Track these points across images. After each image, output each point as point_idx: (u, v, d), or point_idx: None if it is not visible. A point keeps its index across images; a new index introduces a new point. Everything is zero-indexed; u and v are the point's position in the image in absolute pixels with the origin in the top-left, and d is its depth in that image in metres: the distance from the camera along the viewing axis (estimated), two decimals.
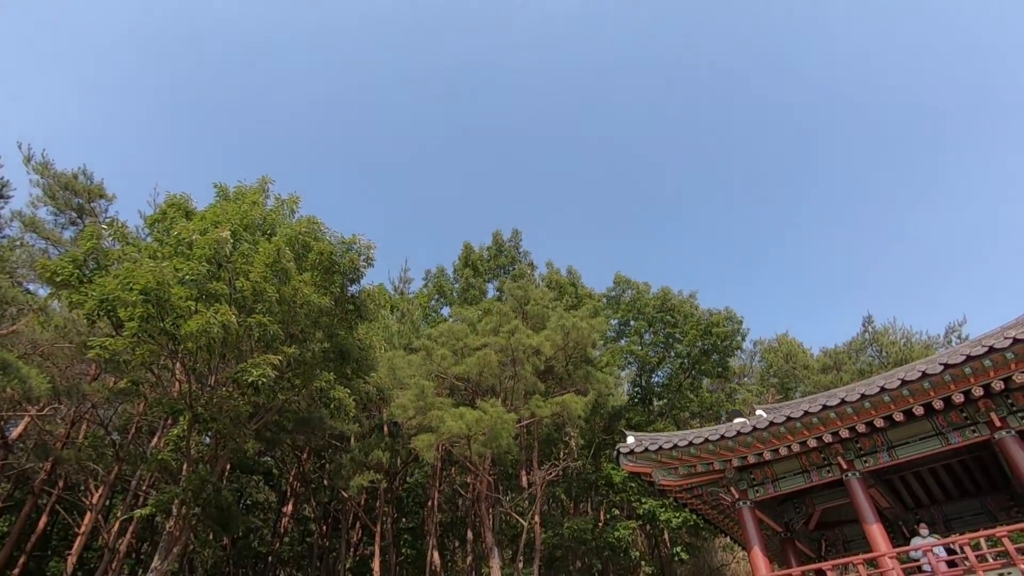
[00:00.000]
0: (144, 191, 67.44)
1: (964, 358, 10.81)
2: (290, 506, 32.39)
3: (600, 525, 26.41)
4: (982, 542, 11.27)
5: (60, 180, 23.25)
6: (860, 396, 11.83)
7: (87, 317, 11.70)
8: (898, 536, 15.26)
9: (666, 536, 27.63)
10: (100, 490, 22.44)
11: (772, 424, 12.76)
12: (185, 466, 13.56)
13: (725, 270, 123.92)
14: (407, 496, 31.27)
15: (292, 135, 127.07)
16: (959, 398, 11.20)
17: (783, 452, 13.21)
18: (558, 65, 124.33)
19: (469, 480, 27.23)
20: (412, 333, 25.59)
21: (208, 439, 16.40)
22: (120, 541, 23.54)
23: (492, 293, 32.46)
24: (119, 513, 23.92)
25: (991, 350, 10.54)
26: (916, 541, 12.00)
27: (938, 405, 11.39)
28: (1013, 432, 11.16)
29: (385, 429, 24.01)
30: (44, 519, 23.54)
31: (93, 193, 23.72)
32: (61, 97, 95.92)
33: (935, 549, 10.86)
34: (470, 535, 27.80)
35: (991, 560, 10.33)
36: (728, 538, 22.23)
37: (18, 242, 22.22)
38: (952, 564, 10.60)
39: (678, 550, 25.62)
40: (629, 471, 15.76)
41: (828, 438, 12.54)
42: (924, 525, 12.66)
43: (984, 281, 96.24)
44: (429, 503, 26.60)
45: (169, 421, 22.12)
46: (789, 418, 12.53)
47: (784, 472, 14.03)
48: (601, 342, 27.15)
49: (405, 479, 29.13)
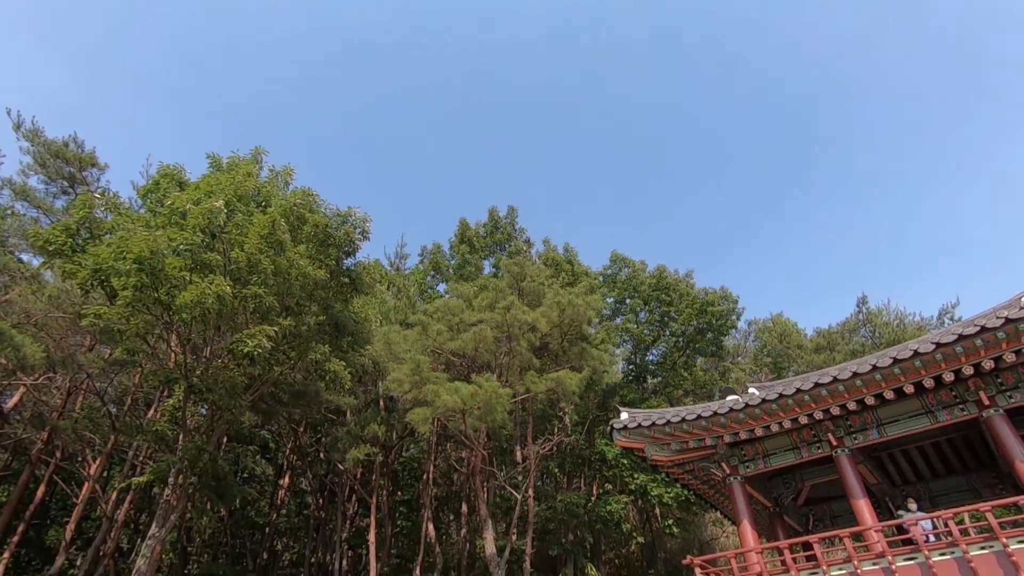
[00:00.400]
0: (136, 162, 66.60)
1: (956, 337, 10.89)
2: (287, 479, 32.78)
3: (593, 499, 26.84)
4: (966, 517, 11.48)
5: (51, 148, 22.88)
6: (852, 374, 11.93)
7: (81, 287, 11.63)
8: (884, 512, 15.55)
9: (657, 511, 28.11)
10: (98, 461, 22.60)
11: (764, 401, 12.88)
12: (181, 436, 13.64)
13: (722, 249, 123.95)
14: (403, 470, 31.65)
15: (286, 109, 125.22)
16: (949, 377, 11.31)
17: (774, 429, 13.36)
18: (557, 38, 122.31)
19: (464, 455, 27.58)
20: (408, 308, 25.59)
21: (204, 410, 16.49)
22: (118, 511, 23.82)
23: (488, 270, 32.45)
24: (117, 483, 24.14)
25: (983, 329, 10.61)
26: (905, 515, 12.23)
27: (928, 384, 11.51)
28: (1001, 411, 11.31)
29: (381, 403, 24.17)
30: (42, 489, 23.74)
31: (84, 162, 23.37)
32: (49, 65, 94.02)
33: (922, 524, 11.09)
34: (465, 508, 28.26)
35: (973, 534, 10.55)
36: (718, 513, 22.66)
37: (9, 211, 21.99)
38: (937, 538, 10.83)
39: (669, 524, 26.12)
40: (622, 446, 15.93)
41: (819, 415, 12.69)
42: (913, 500, 12.92)
43: (979, 264, 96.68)
44: (424, 476, 26.95)
45: (165, 393, 22.20)
46: (781, 395, 12.65)
47: (775, 448, 14.22)
48: (597, 320, 27.23)
49: (401, 453, 29.47)
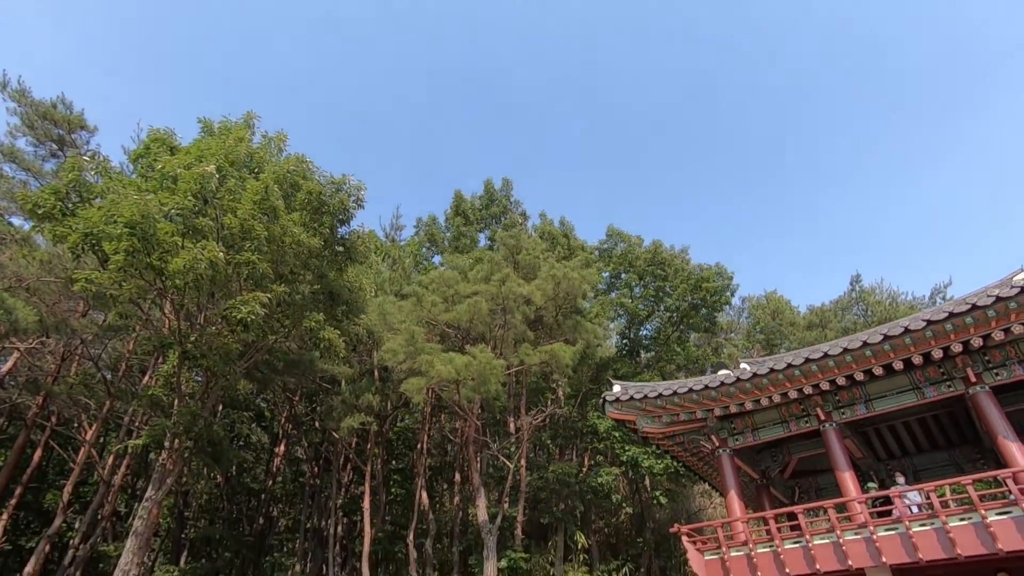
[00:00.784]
0: (126, 126, 65.32)
1: (946, 315, 10.97)
2: (282, 447, 33.15)
3: (584, 470, 27.31)
4: (947, 490, 11.75)
5: (38, 109, 22.36)
6: (842, 350, 12.05)
7: (72, 251, 11.51)
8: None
9: (647, 482, 28.66)
10: (93, 426, 22.75)
11: (755, 375, 13.02)
12: (176, 401, 13.72)
13: (719, 226, 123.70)
14: (397, 439, 32.04)
15: (280, 78, 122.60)
16: (938, 354, 11.44)
17: (764, 403, 13.55)
18: (560, 7, 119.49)
19: (458, 425, 27.90)
20: (403, 279, 25.55)
21: (199, 377, 16.56)
22: (115, 475, 24.10)
23: (484, 243, 32.34)
24: (113, 448, 24.38)
25: (973, 308, 10.69)
26: (893, 488, 12.51)
27: (917, 361, 11.65)
28: (987, 388, 11.48)
29: (375, 373, 24.31)
30: (39, 453, 23.94)
31: (73, 124, 22.88)
32: (35, 25, 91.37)
33: (908, 496, 11.36)
34: (458, 477, 28.72)
35: (953, 507, 10.81)
36: (707, 485, 23.12)
37: None
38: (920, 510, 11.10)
39: (658, 495, 26.64)
40: (614, 419, 16.15)
41: (808, 390, 12.85)
42: (900, 474, 13.20)
43: (974, 246, 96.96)
44: (419, 446, 27.31)
45: (159, 359, 22.24)
46: (772, 370, 12.78)
47: (764, 422, 14.43)
48: (592, 294, 27.30)
49: (395, 423, 29.77)
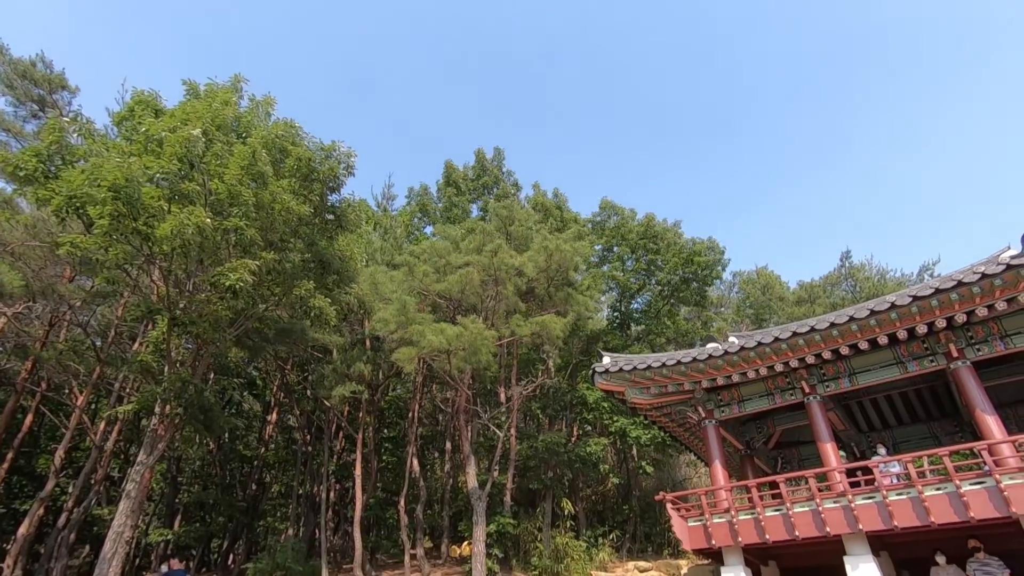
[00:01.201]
0: (109, 88, 63.58)
1: (932, 291, 11.11)
2: (274, 415, 33.39)
3: (573, 440, 27.76)
4: (925, 461, 12.09)
5: (17, 67, 21.62)
6: (829, 324, 12.21)
7: (56, 214, 11.28)
8: (850, 456, 16.34)
9: (634, 452, 29.21)
10: (84, 392, 22.78)
11: (743, 348, 13.19)
12: (166, 368, 13.70)
13: (712, 201, 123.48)
14: (389, 408, 32.34)
15: (270, 42, 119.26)
16: (923, 329, 11.63)
17: (751, 375, 13.77)
18: None
19: (449, 395, 28.18)
20: (395, 249, 25.41)
21: (189, 344, 16.52)
22: (106, 441, 24.24)
23: (476, 214, 32.12)
24: (104, 414, 24.46)
25: (959, 284, 10.83)
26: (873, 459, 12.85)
27: (902, 336, 11.84)
28: (968, 363, 11.71)
29: (367, 343, 24.37)
30: (30, 418, 23.98)
31: (54, 84, 22.19)
32: None
33: (884, 467, 11.68)
34: (449, 446, 29.15)
35: (930, 477, 11.14)
36: (692, 455, 23.62)
37: None
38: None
39: (644, 464, 27.20)
40: (603, 389, 16.38)
41: (795, 363, 13.06)
42: (881, 445, 13.54)
43: (963, 225, 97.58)
44: (410, 415, 27.59)
45: (149, 326, 22.13)
46: (760, 343, 12.95)
47: (750, 394, 14.69)
48: (584, 266, 27.30)
49: (387, 392, 30.00)
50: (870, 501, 11.01)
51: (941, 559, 10.99)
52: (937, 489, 10.47)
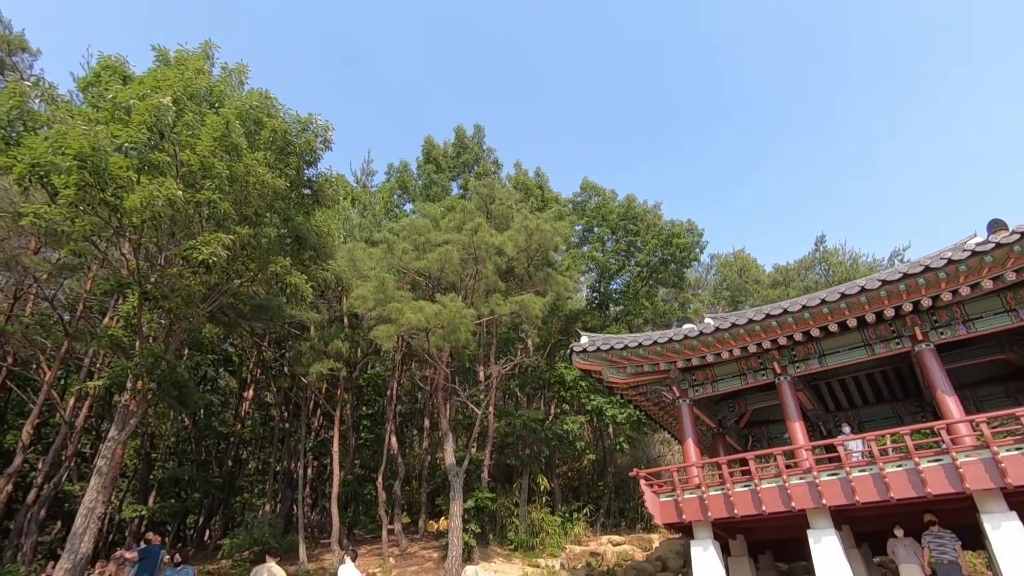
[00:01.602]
0: (73, 52, 60.85)
1: (900, 276, 11.40)
2: (251, 391, 33.11)
3: (550, 418, 28.14)
4: (888, 439, 12.52)
5: None
6: (801, 307, 12.46)
7: (18, 183, 10.86)
8: (816, 434, 16.88)
9: (610, 430, 29.75)
10: (52, 367, 22.25)
11: (718, 330, 13.42)
12: (137, 343, 13.44)
13: (693, 183, 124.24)
14: (367, 386, 32.29)
15: (243, 7, 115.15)
16: (890, 312, 11.95)
17: (725, 356, 14.03)
18: None
19: (428, 373, 28.21)
20: (374, 226, 25.10)
21: (162, 319, 16.20)
22: (77, 416, 23.81)
23: (456, 191, 31.81)
24: (74, 389, 23.96)
25: (927, 269, 11.12)
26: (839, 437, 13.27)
27: (870, 319, 12.15)
28: (932, 346, 12.09)
29: (345, 320, 24.20)
30: None
31: (14, 45, 21.14)
32: None
33: (848, 445, 12.10)
34: (427, 423, 29.29)
35: (891, 455, 11.57)
36: (666, 433, 24.14)
37: None
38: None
39: (620, 441, 27.73)
40: (581, 368, 16.56)
41: (767, 345, 13.34)
42: (847, 424, 13.99)
43: (935, 211, 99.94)
44: (388, 392, 27.61)
45: (119, 300, 21.61)
46: (734, 325, 13.18)
47: (723, 374, 14.99)
48: (564, 246, 27.37)
49: (365, 370, 29.93)
50: (834, 477, 11.41)
51: (899, 532, 11.50)
52: (897, 466, 10.88)
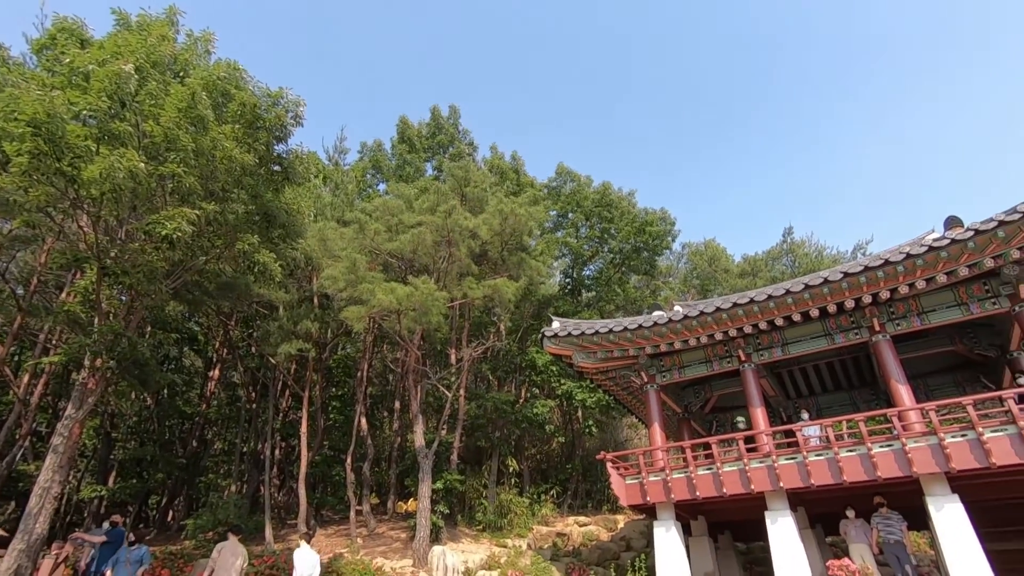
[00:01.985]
0: (27, 11, 57.56)
1: (862, 268, 11.80)
2: (216, 371, 32.42)
3: (521, 401, 28.40)
4: (843, 426, 13.03)
5: None
6: (767, 297, 12.80)
7: None
8: (777, 420, 17.46)
9: (580, 413, 30.18)
10: (5, 342, 21.36)
11: (687, 318, 13.70)
12: (96, 319, 12.99)
13: (668, 172, 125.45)
14: (337, 367, 31.96)
15: None
16: (850, 304, 12.39)
17: (692, 343, 14.37)
18: None
19: (399, 356, 28.09)
20: (346, 206, 24.63)
21: (123, 296, 15.67)
22: (31, 394, 22.99)
23: (430, 172, 31.42)
24: (28, 366, 23.10)
25: (886, 263, 11.53)
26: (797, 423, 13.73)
27: (831, 309, 12.58)
28: (888, 336, 12.60)
29: (315, 300, 23.81)
30: None
31: None
32: None
33: (806, 431, 12.57)
34: (398, 405, 29.19)
35: (846, 440, 12.08)
36: (634, 417, 24.64)
37: None
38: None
39: (589, 425, 28.20)
40: (552, 353, 16.74)
41: (733, 333, 13.69)
42: (805, 411, 14.51)
43: (898, 203, 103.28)
44: (359, 374, 27.39)
45: (77, 275, 20.81)
46: (702, 313, 13.47)
47: (690, 361, 15.35)
48: (538, 231, 27.37)
49: (335, 351, 29.59)
50: (792, 461, 11.87)
51: (851, 513, 12.11)
52: (851, 451, 11.38)
